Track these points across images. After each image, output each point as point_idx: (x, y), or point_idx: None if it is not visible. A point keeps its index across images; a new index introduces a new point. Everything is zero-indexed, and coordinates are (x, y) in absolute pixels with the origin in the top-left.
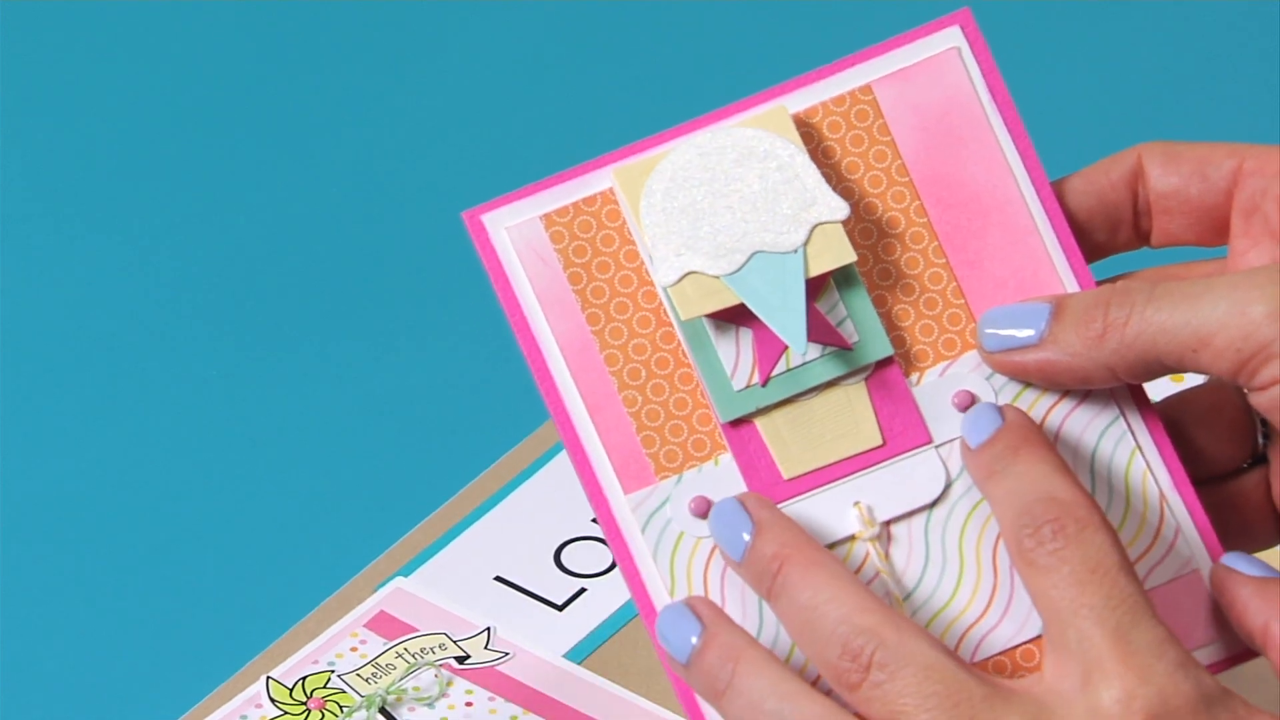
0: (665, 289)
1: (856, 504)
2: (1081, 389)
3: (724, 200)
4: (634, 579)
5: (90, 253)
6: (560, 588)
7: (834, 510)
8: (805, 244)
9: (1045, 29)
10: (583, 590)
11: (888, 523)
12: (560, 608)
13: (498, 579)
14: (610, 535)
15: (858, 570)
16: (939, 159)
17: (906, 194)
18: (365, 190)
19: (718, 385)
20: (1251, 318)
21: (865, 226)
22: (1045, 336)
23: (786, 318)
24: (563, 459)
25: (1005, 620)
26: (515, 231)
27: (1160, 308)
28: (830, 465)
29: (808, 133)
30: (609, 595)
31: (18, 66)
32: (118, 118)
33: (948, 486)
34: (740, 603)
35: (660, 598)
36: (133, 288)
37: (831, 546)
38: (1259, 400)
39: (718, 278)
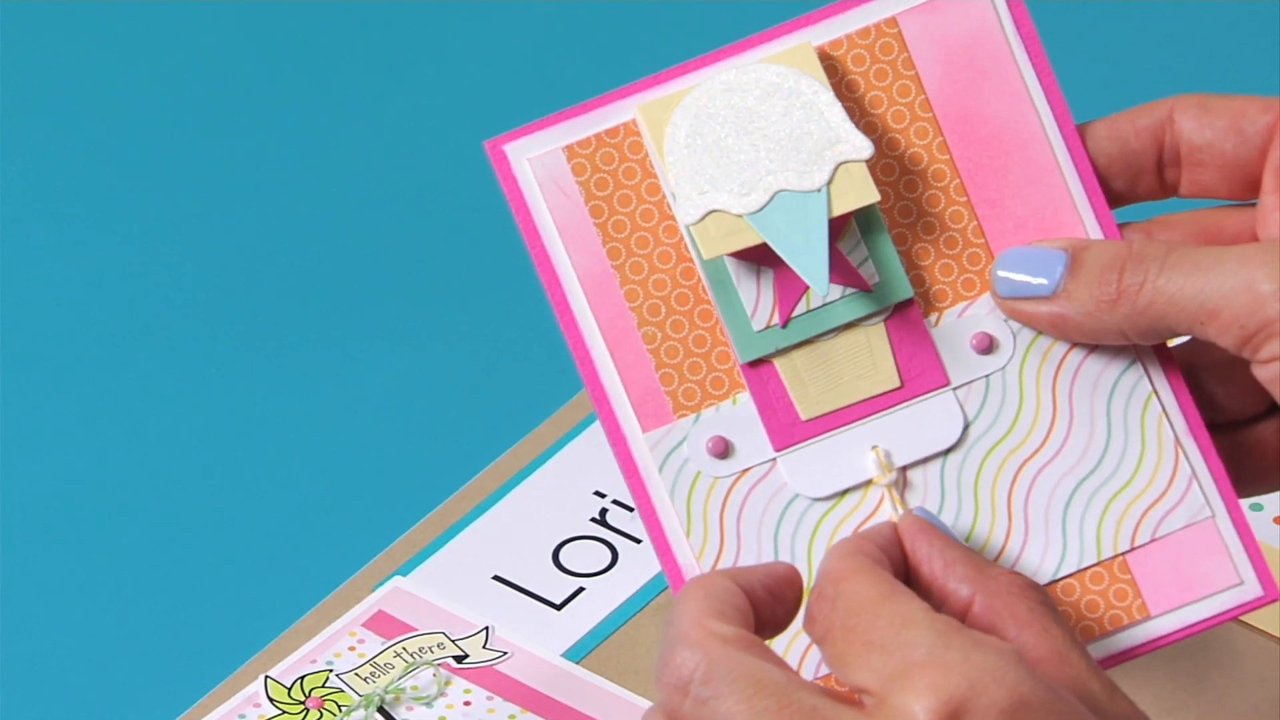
0: (688, 227)
1: (874, 448)
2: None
3: (748, 138)
4: (650, 518)
5: (89, 250)
6: (558, 587)
7: (851, 452)
8: (829, 183)
9: None
10: (581, 590)
11: (905, 468)
12: (558, 607)
13: (496, 578)
14: (628, 474)
15: (872, 514)
16: (963, 94)
17: (929, 130)
18: (363, 189)
19: (738, 325)
20: (1258, 294)
21: (887, 163)
22: (1059, 290)
23: (809, 258)
24: (560, 458)
25: (1020, 563)
26: (537, 163)
27: (1172, 277)
28: (848, 407)
29: (831, 66)
30: (607, 594)
31: (18, 66)
32: (112, 106)
33: (965, 429)
34: (756, 545)
35: (677, 537)
36: (131, 286)
37: (847, 491)
38: (1261, 373)
39: (740, 216)
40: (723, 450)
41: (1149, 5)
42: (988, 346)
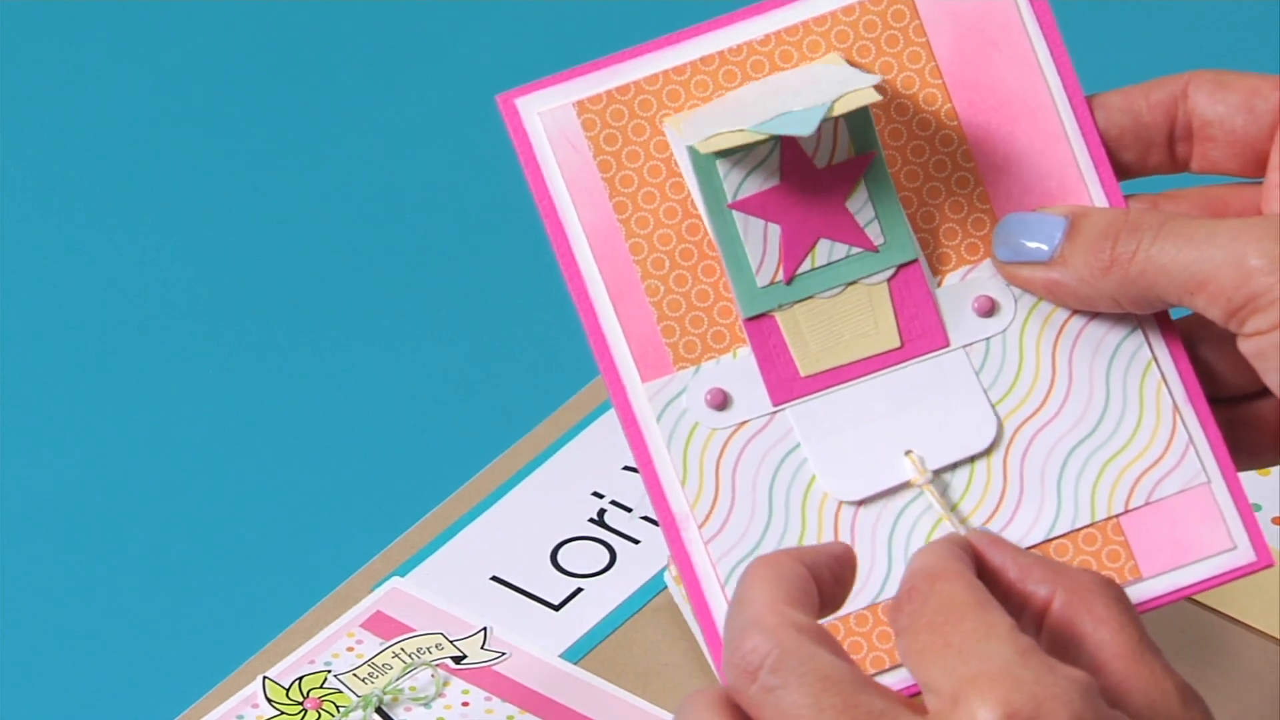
0: (690, 147)
1: (909, 453)
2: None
3: (764, 102)
4: (646, 467)
5: (89, 250)
6: (557, 587)
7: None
8: (833, 100)
9: None
10: (579, 590)
11: (938, 471)
12: (557, 608)
13: (494, 579)
14: (626, 424)
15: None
16: (973, 62)
17: (939, 96)
18: (362, 190)
19: (742, 280)
20: (1246, 268)
21: (895, 127)
22: (1056, 256)
23: (803, 121)
24: (559, 459)
25: (1014, 521)
26: (548, 117)
27: (1164, 248)
28: (848, 365)
29: (843, 30)
30: (606, 595)
31: (18, 66)
32: (112, 106)
33: (999, 434)
34: (750, 497)
35: (672, 487)
36: (130, 287)
37: (883, 495)
38: (1245, 346)
39: (743, 130)
40: (721, 402)
41: None
42: (989, 310)
